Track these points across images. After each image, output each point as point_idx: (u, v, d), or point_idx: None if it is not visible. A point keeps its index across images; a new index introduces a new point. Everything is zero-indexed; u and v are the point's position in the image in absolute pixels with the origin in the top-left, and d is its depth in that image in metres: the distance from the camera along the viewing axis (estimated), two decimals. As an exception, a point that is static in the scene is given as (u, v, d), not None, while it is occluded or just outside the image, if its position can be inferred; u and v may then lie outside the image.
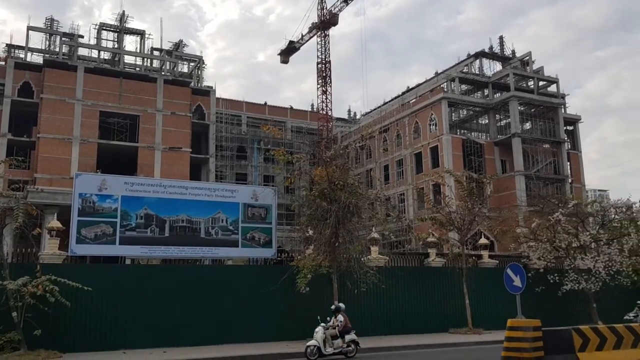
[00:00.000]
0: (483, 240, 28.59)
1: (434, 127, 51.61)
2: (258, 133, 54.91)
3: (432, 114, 51.56)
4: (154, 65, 52.76)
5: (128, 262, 20.97)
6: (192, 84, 50.55)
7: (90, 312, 17.13)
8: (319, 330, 14.88)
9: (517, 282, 12.57)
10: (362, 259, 20.89)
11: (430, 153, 50.95)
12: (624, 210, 28.84)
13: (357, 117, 72.87)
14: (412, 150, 53.27)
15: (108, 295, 17.49)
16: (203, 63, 55.42)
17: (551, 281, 25.24)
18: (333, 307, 15.70)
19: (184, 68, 55.51)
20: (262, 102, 62.95)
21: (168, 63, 52.18)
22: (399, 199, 53.40)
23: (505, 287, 15.97)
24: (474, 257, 27.01)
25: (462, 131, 55.76)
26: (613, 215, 29.42)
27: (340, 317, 15.25)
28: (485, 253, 27.94)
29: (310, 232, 21.27)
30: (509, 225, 30.96)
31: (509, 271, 12.97)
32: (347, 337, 15.10)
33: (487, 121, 55.80)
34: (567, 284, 24.97)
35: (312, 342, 14.79)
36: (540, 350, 10.80)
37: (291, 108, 63.91)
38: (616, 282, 24.72)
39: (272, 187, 26.38)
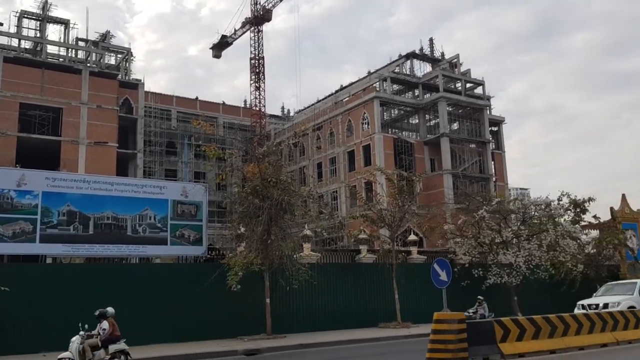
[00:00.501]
0: (412, 237, 29.38)
1: (366, 125, 52.40)
2: (189, 128, 53.64)
3: (364, 113, 52.33)
4: (79, 56, 50.40)
5: (49, 261, 19.99)
6: (119, 77, 48.72)
7: (8, 314, 16.19)
8: (75, 340, 12.45)
9: (444, 276, 12.97)
10: (295, 256, 20.91)
11: (362, 151, 51.70)
12: (543, 207, 30.44)
13: (291, 114, 72.86)
14: (345, 148, 53.86)
15: (27, 295, 16.58)
16: (131, 55, 53.57)
17: (476, 275, 26.26)
18: (97, 312, 12.98)
19: (111, 60, 53.44)
20: (194, 97, 61.60)
21: (94, 54, 50.02)
22: (332, 197, 53.88)
23: (432, 282, 16.47)
24: (403, 253, 27.71)
25: (394, 130, 56.91)
26: (533, 212, 30.99)
27: (105, 324, 12.79)
28: (414, 249, 28.72)
29: (242, 229, 21.07)
30: (437, 222, 31.91)
31: (435, 266, 13.36)
32: (112, 347, 12.70)
33: (417, 121, 57.26)
34: (491, 278, 26.07)
35: (64, 355, 12.42)
36: (465, 342, 11.18)
37: (223, 104, 62.95)
38: (535, 276, 26.04)
39: (202, 184, 25.92)
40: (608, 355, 12.51)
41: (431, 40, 62.14)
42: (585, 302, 20.32)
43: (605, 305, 18.69)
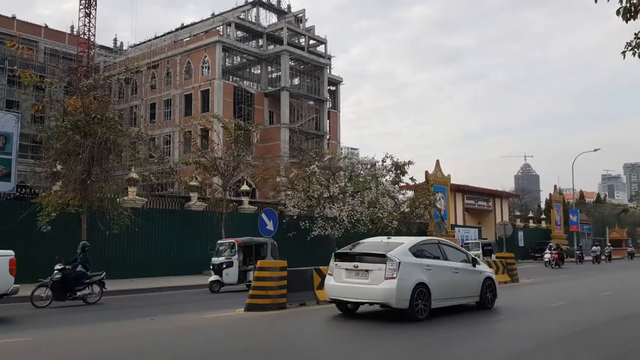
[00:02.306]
0: (245, 187, 29.49)
1: (206, 70, 50.66)
2: (3, 50, 46.90)
3: (205, 56, 50.44)
4: None
5: None
6: None
7: None
8: None
9: (270, 226, 13.12)
10: (117, 200, 19.75)
11: (200, 96, 50.03)
12: (369, 167, 32.51)
13: (124, 48, 67.57)
14: (182, 91, 51.62)
15: None
16: None
17: (302, 227, 27.35)
18: None
19: None
20: (10, 15, 54.06)
21: None
22: (165, 141, 51.64)
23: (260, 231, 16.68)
24: (235, 203, 27.73)
25: (235, 78, 55.85)
26: (359, 171, 32.94)
27: None
28: (246, 199, 28.88)
29: (59, 167, 19.27)
30: (271, 174, 32.36)
31: (263, 216, 13.45)
32: None
33: (259, 71, 56.82)
34: (316, 230, 27.37)
35: None
36: (285, 288, 11.54)
37: (46, 27, 56.12)
38: (355, 230, 27.86)
39: (14, 113, 23.00)
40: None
41: (279, -10, 61.40)
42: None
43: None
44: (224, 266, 17.56)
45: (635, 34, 9.27)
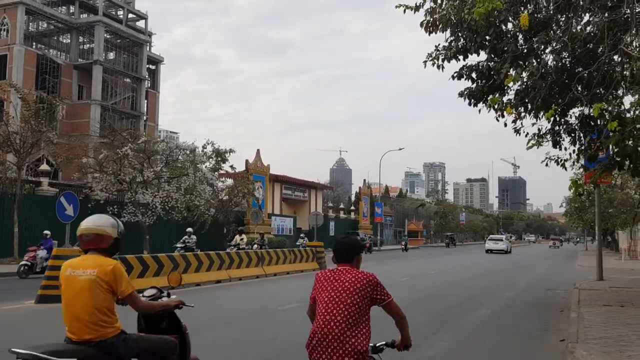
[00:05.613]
0: (45, 167, 26.77)
1: (5, 33, 44.68)
2: None
3: (4, 18, 44.45)
4: None
5: None
6: None
7: None
8: None
9: (70, 211, 11.99)
10: None
11: (-4, 62, 44.03)
12: (188, 152, 31.57)
13: None
14: (-27, 54, 44.90)
15: None
16: None
17: (110, 213, 25.58)
18: None
19: None
20: None
21: None
22: (-54, 109, 44.53)
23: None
24: (31, 184, 25.02)
25: (40, 46, 50.19)
26: (178, 156, 31.85)
27: None
28: (45, 180, 26.25)
29: None
30: (76, 154, 29.72)
31: (62, 200, 12.25)
32: None
33: (69, 41, 51.80)
34: (126, 216, 25.79)
35: None
36: (83, 280, 10.61)
37: None
38: (170, 217, 26.90)
39: None
40: (219, 290, 13.70)
41: (97, -44, 56.53)
42: None
43: None
44: None
45: (435, 46, 10.25)
